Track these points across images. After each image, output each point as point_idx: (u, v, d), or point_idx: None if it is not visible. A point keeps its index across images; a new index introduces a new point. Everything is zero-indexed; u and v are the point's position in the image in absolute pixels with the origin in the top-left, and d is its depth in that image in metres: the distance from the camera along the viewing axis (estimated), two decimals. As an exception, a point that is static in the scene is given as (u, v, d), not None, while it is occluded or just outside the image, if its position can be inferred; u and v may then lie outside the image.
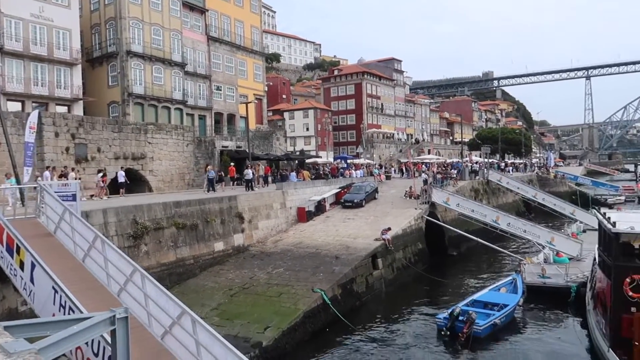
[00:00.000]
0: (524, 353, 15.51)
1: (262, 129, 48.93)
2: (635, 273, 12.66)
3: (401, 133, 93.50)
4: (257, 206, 26.44)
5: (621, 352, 12.47)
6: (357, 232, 26.10)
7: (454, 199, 29.65)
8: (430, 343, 16.39)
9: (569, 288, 20.26)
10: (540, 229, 26.16)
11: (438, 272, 26.11)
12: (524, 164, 75.27)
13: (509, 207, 44.17)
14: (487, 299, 18.89)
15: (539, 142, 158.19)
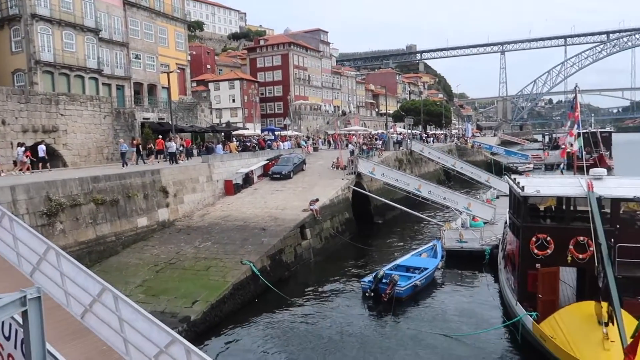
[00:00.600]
0: (441, 310, 16.57)
1: (186, 100, 47.21)
2: (540, 232, 13.78)
3: (328, 105, 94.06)
4: (182, 180, 25.70)
5: (527, 304, 13.64)
6: (285, 203, 26.22)
7: (379, 169, 30.51)
8: (356, 305, 17.06)
9: (483, 251, 21.77)
10: (459, 196, 27.68)
11: (364, 240, 26.96)
12: (444, 135, 78.75)
13: (431, 176, 46.23)
14: (409, 264, 19.88)
15: (458, 114, 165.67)
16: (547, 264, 13.54)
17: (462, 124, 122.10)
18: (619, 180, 16.19)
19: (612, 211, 13.41)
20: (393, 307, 16.21)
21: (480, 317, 15.69)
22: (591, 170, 15.23)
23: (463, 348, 13.54)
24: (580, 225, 13.36)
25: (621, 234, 12.89)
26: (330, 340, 14.22)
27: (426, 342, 13.96)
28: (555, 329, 11.68)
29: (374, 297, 17.07)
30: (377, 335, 14.62)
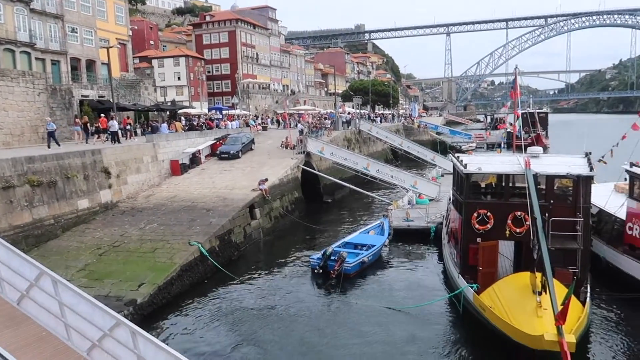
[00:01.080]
0: (388, 284, 17.07)
1: (128, 78, 45.28)
2: (481, 208, 14.38)
3: (277, 84, 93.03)
4: (126, 160, 24.81)
5: (469, 277, 14.27)
6: (234, 183, 25.92)
7: (328, 149, 30.66)
8: (305, 282, 17.27)
9: (429, 229, 22.50)
10: (405, 174, 28.35)
11: (314, 218, 27.17)
12: (391, 115, 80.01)
13: (379, 155, 46.94)
14: (357, 241, 20.26)
15: (406, 94, 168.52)
16: (487, 238, 14.18)
17: (409, 104, 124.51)
18: (553, 158, 17.05)
19: (547, 187, 14.15)
20: (341, 283, 16.53)
21: (425, 290, 16.27)
22: (529, 149, 15.94)
23: (408, 320, 14.03)
24: (518, 201, 14.03)
25: (554, 208, 13.65)
26: (279, 317, 14.35)
27: (373, 315, 14.35)
28: (493, 299, 12.30)
29: (322, 274, 17.32)
30: (326, 310, 14.89)
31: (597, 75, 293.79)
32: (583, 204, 13.66)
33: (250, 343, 12.83)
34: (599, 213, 18.07)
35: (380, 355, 12.07)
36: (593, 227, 16.70)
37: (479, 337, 12.59)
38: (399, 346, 12.47)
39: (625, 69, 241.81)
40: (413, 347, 12.41)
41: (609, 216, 17.58)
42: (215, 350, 12.53)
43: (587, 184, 13.87)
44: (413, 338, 12.87)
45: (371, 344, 12.61)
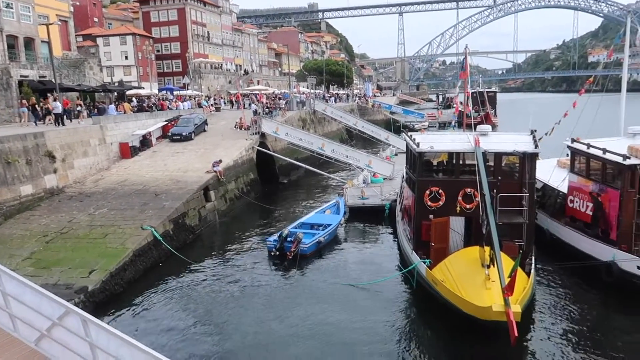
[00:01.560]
0: (344, 262, 17.34)
1: (71, 57, 43.09)
2: (434, 186, 14.76)
3: (230, 63, 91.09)
4: (71, 143, 23.77)
5: (422, 252, 14.68)
6: (187, 165, 25.39)
7: (283, 129, 30.47)
8: (262, 264, 17.26)
9: (383, 206, 22.91)
10: (360, 154, 28.63)
11: (270, 200, 27.10)
12: (346, 95, 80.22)
13: (334, 135, 47.16)
14: (313, 221, 20.40)
15: (360, 74, 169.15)
16: (439, 215, 14.59)
17: (363, 84, 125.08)
18: (501, 136, 17.65)
19: (495, 164, 14.66)
20: (298, 263, 16.65)
21: (380, 266, 16.64)
22: (478, 127, 16.41)
23: (364, 295, 14.34)
24: (468, 178, 14.46)
25: (502, 185, 14.19)
26: (236, 299, 14.32)
27: (330, 292, 14.57)
28: (445, 273, 12.73)
29: (279, 256, 17.36)
30: (283, 290, 14.98)
31: (542, 56, 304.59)
32: (528, 179, 14.26)
33: (207, 325, 12.77)
34: (543, 188, 18.93)
35: (335, 330, 12.30)
36: (537, 201, 17.52)
37: (431, 310, 13.03)
38: (354, 321, 12.73)
39: (568, 49, 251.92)
40: (368, 321, 12.70)
41: (552, 190, 18.45)
42: (171, 334, 12.41)
43: (533, 160, 14.46)
44: (368, 313, 13.17)
45: (327, 320, 12.81)
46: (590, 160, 15.88)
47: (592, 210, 15.49)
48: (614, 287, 13.87)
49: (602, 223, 15.03)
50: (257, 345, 11.66)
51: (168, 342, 11.97)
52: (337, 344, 11.60)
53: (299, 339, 11.91)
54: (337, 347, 11.47)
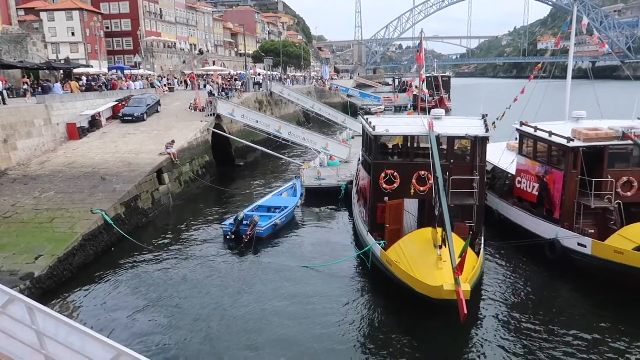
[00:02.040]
0: (301, 245, 17.44)
1: (12, 31, 40.62)
2: (389, 168, 14.97)
3: (184, 42, 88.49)
4: (13, 123, 22.55)
5: (377, 234, 14.94)
6: (140, 147, 24.65)
7: (239, 111, 30.03)
8: (218, 248, 17.09)
9: (339, 187, 23.08)
10: (317, 136, 28.63)
11: (226, 182, 26.78)
12: (303, 77, 79.73)
13: (290, 117, 46.92)
14: (269, 204, 20.34)
15: (317, 56, 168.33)
16: (394, 197, 14.86)
17: (321, 67, 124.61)
18: (454, 119, 18.05)
19: (448, 147, 15.01)
20: (254, 246, 16.58)
21: (336, 248, 16.82)
22: (431, 111, 16.72)
23: (319, 277, 14.48)
24: (422, 161, 14.73)
25: (454, 167, 14.57)
26: (190, 283, 14.14)
27: (285, 275, 14.62)
28: (399, 254, 13.01)
29: (235, 239, 17.22)
30: (238, 273, 14.87)
31: (494, 42, 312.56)
32: (479, 162, 14.70)
33: (160, 310, 12.56)
34: (493, 170, 19.60)
35: (290, 311, 12.36)
36: (487, 182, 18.14)
37: (385, 290, 13.31)
38: (309, 302, 12.84)
39: (519, 36, 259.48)
40: (323, 302, 12.85)
41: (502, 172, 19.14)
42: (123, 319, 12.15)
43: (483, 144, 14.89)
44: (323, 294, 13.31)
45: (282, 302, 12.85)
46: (537, 142, 16.54)
47: (537, 190, 16.19)
48: (557, 263, 14.62)
49: (546, 203, 15.75)
50: (210, 329, 11.55)
51: (120, 328, 11.73)
52: (292, 326, 11.66)
53: (253, 321, 11.88)
54: (291, 329, 11.52)
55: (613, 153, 14.95)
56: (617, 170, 14.82)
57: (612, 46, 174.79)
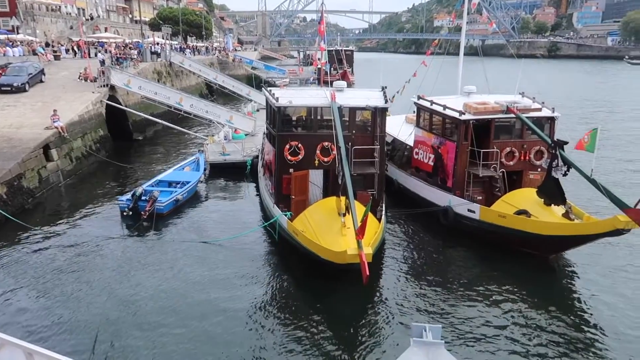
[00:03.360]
0: (205, 220, 17.01)
1: None
2: (293, 140, 15.02)
3: (70, 6, 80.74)
4: None
5: (283, 205, 15.05)
6: (22, 121, 22.35)
7: (136, 82, 28.23)
8: (114, 226, 16.18)
9: (245, 162, 22.78)
10: (221, 109, 27.83)
11: (124, 157, 25.31)
12: (205, 47, 76.77)
13: (193, 89, 45.16)
14: (171, 178, 19.56)
15: (219, 27, 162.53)
16: (299, 168, 15.00)
17: (224, 37, 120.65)
18: (355, 91, 18.46)
19: (350, 119, 15.35)
20: (154, 223, 15.92)
21: (242, 222, 16.66)
22: (334, 83, 16.93)
23: (225, 252, 14.28)
24: (325, 132, 14.93)
25: (356, 138, 14.98)
26: (84, 265, 13.24)
27: (189, 251, 14.23)
28: (305, 224, 13.22)
29: (133, 216, 16.39)
30: (137, 253, 14.19)
31: (394, 18, 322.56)
32: (379, 133, 15.24)
33: (51, 298, 11.55)
34: (393, 142, 20.44)
35: (194, 289, 12.05)
36: (388, 154, 18.90)
37: (293, 260, 13.51)
38: (214, 278, 12.64)
39: (417, 13, 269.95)
40: (229, 277, 12.71)
41: (401, 144, 20.03)
42: (8, 309, 11.11)
43: (383, 115, 15.42)
44: (229, 268, 13.18)
45: (185, 280, 12.50)
46: (432, 115, 17.46)
47: (433, 161, 17.18)
48: (450, 229, 15.73)
49: (441, 172, 16.79)
50: (108, 315, 10.86)
51: (3, 319, 10.73)
52: (196, 304, 11.33)
53: (155, 301, 11.44)
54: (196, 307, 11.20)
55: (498, 126, 16.19)
56: (501, 141, 16.10)
57: (499, 26, 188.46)
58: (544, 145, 15.61)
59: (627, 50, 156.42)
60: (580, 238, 12.83)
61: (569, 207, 13.77)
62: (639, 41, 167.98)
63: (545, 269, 13.56)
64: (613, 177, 22.05)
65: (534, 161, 16.16)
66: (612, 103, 52.02)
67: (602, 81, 79.88)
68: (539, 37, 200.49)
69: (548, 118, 16.38)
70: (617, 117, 42.25)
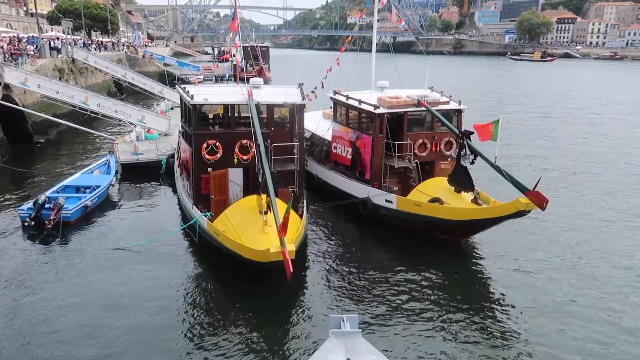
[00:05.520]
0: (118, 225, 16.11)
1: None
2: (210, 139, 14.65)
3: (-48, -3, 72.92)
4: None
5: (202, 206, 14.64)
6: None
7: (34, 80, 26.02)
8: (15, 238, 14.88)
9: (160, 161, 21.86)
10: (131, 108, 26.46)
11: (23, 162, 23.28)
12: (111, 43, 72.73)
13: (100, 87, 42.66)
14: (78, 183, 18.29)
15: (127, 21, 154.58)
16: (218, 167, 14.66)
17: (132, 32, 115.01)
18: (273, 88, 18.36)
19: (268, 116, 15.25)
20: (60, 232, 14.81)
21: (160, 225, 15.97)
22: (251, 80, 16.71)
23: (142, 258, 13.61)
24: (243, 130, 14.70)
25: (275, 135, 14.91)
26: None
27: (102, 260, 13.39)
28: (226, 223, 12.95)
29: (36, 226, 15.12)
30: (42, 266, 13.05)
31: (309, 14, 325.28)
32: (298, 129, 15.29)
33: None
34: (312, 137, 20.60)
35: (108, 300, 11.36)
36: (307, 149, 19.03)
37: (214, 262, 13.18)
38: (130, 287, 11.97)
39: (330, 10, 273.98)
40: (146, 284, 12.12)
41: (319, 139, 20.24)
42: None
43: (301, 111, 15.48)
44: (146, 275, 12.58)
45: (98, 291, 11.75)
46: (348, 110, 17.81)
47: (351, 154, 17.55)
48: (370, 219, 16.17)
49: (359, 165, 17.19)
50: (10, 337, 9.92)
51: None
52: (110, 317, 10.62)
53: (63, 317, 10.61)
54: (110, 321, 10.49)
55: (411, 119, 16.88)
56: (414, 133, 16.79)
57: (408, 24, 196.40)
58: (452, 136, 16.49)
59: (522, 47, 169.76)
60: (487, 221, 13.72)
61: (477, 193, 14.66)
62: (532, 39, 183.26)
63: (458, 254, 14.37)
64: (514, 162, 23.90)
65: (444, 151, 17.04)
66: (508, 95, 56.36)
67: (498, 75, 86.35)
68: (445, 35, 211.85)
69: (455, 110, 17.32)
70: (513, 108, 45.83)
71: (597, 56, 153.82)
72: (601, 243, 15.08)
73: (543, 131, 34.23)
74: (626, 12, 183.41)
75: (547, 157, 26.59)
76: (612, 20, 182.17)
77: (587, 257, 14.09)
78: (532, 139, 31.25)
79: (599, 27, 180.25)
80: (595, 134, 33.56)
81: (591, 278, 12.81)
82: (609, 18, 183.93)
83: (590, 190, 20.62)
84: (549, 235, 15.55)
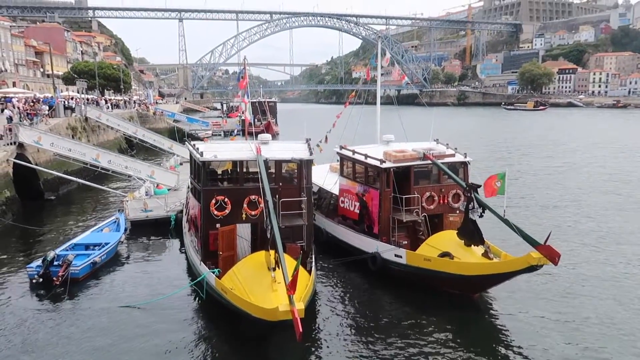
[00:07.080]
0: (127, 282, 15.95)
1: None
2: (219, 195, 14.75)
3: (-27, 60, 76.20)
4: None
5: (210, 262, 14.52)
6: None
7: (48, 138, 26.76)
8: (22, 296, 14.75)
9: (169, 217, 21.97)
10: (141, 164, 26.97)
11: (34, 220, 23.45)
12: (124, 101, 74.92)
13: (111, 144, 43.57)
14: (87, 241, 18.33)
15: (139, 80, 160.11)
16: (226, 223, 14.64)
17: (144, 90, 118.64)
18: (280, 144, 18.66)
19: (276, 171, 15.42)
20: (68, 289, 14.73)
21: (167, 282, 15.84)
22: (259, 136, 17.03)
23: (149, 316, 13.42)
24: (252, 186, 14.82)
25: (283, 190, 15.00)
26: (-9, 343, 11.92)
27: (109, 318, 13.21)
28: (234, 280, 12.80)
29: (44, 284, 15.05)
30: (50, 324, 12.94)
31: (315, 70, 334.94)
32: (306, 184, 15.40)
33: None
34: (319, 191, 20.70)
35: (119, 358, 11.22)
36: (315, 203, 19.07)
37: (222, 320, 12.93)
38: (139, 345, 11.78)
39: (336, 65, 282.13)
40: (154, 343, 11.89)
41: (327, 193, 20.32)
42: None
43: (308, 166, 15.65)
44: (153, 333, 12.36)
45: (104, 351, 11.54)
46: (355, 164, 17.97)
47: (358, 208, 17.53)
48: (379, 275, 15.93)
49: (367, 219, 17.13)
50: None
51: None
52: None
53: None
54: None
55: (417, 172, 16.96)
56: (421, 186, 16.82)
57: (412, 77, 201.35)
58: (460, 189, 16.49)
59: (525, 97, 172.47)
60: (499, 276, 13.46)
61: (487, 247, 14.47)
62: (535, 89, 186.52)
63: (471, 308, 14.01)
64: (522, 212, 23.72)
65: (452, 204, 16.99)
66: (513, 145, 56.74)
67: (502, 126, 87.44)
68: (449, 87, 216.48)
69: (461, 163, 17.43)
70: (520, 156, 45.98)
71: (600, 104, 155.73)
72: (617, 292, 14.72)
73: (547, 180, 34.15)
74: (626, 62, 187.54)
75: (556, 205, 26.40)
76: (613, 69, 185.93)
77: (602, 307, 13.71)
78: (536, 188, 31.14)
79: (600, 77, 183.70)
80: (602, 180, 33.44)
81: (612, 328, 12.42)
82: (609, 68, 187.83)
83: (601, 238, 20.32)
84: (565, 288, 15.19)
